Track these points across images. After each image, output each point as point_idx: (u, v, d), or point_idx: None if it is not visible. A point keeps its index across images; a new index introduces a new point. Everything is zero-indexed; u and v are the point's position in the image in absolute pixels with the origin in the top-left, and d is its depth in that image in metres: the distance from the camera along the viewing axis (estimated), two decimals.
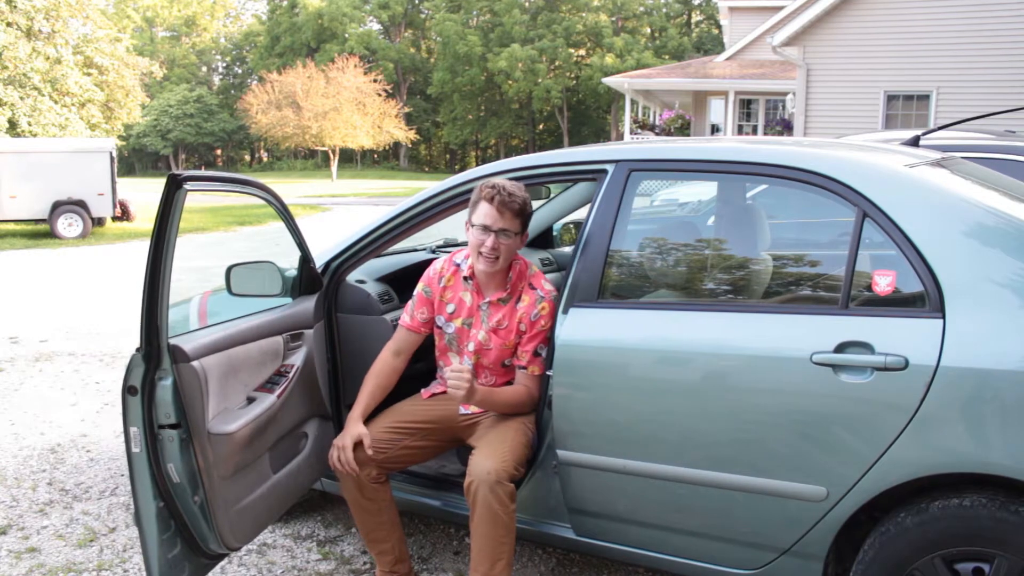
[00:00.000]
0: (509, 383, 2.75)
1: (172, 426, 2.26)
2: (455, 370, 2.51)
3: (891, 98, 14.82)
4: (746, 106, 22.34)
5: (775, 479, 2.22)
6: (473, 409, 2.77)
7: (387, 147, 52.37)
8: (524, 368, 2.69)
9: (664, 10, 53.45)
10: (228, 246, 13.95)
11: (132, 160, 58.28)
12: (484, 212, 2.57)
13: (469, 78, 50.44)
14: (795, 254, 2.68)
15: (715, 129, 23.26)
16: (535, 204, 4.22)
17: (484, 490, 2.43)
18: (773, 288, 2.45)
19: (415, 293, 2.83)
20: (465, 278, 2.75)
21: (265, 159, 61.24)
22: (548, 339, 2.63)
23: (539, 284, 2.71)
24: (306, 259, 2.95)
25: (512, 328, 2.69)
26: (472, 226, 2.61)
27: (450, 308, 2.78)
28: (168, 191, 2.17)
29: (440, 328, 2.82)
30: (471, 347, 2.75)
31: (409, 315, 2.83)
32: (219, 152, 60.82)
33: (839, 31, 14.83)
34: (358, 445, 2.66)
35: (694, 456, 2.32)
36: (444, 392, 2.88)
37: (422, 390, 2.93)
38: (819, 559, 2.24)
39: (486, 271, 2.65)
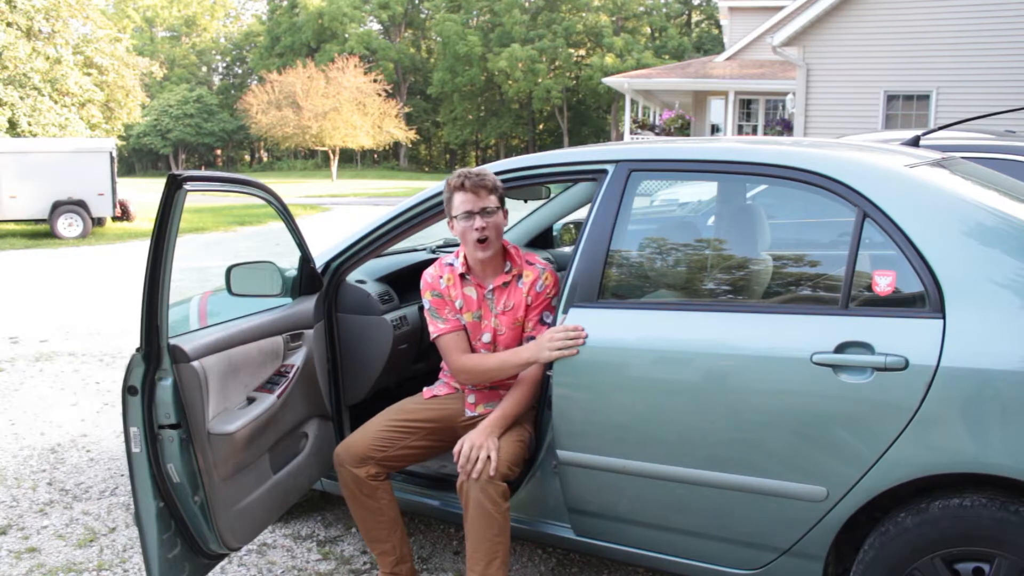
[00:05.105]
0: None
1: (172, 426, 2.26)
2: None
3: (891, 98, 14.82)
4: (746, 106, 22.34)
5: (775, 479, 2.22)
6: (480, 411, 2.78)
7: (387, 147, 52.39)
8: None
9: (664, 10, 53.46)
10: (228, 246, 13.95)
11: (132, 160, 58.32)
12: (461, 200, 2.62)
13: (469, 78, 50.44)
14: (795, 254, 2.68)
15: (715, 129, 23.26)
16: (535, 204, 4.26)
17: (475, 489, 2.43)
18: (773, 288, 2.44)
19: (428, 306, 2.78)
20: (462, 275, 2.76)
21: (265, 159, 61.25)
22: (553, 307, 2.68)
23: (535, 260, 2.79)
24: (306, 259, 2.95)
25: (520, 304, 2.72)
26: (455, 219, 2.65)
27: (458, 304, 2.77)
28: (168, 191, 2.17)
29: None
30: (486, 338, 2.75)
31: (444, 321, 2.75)
32: (219, 152, 60.83)
33: (839, 31, 14.83)
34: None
35: (694, 456, 2.32)
36: (446, 393, 2.88)
37: (424, 389, 2.93)
38: (819, 559, 2.24)
39: (483, 256, 2.66)
